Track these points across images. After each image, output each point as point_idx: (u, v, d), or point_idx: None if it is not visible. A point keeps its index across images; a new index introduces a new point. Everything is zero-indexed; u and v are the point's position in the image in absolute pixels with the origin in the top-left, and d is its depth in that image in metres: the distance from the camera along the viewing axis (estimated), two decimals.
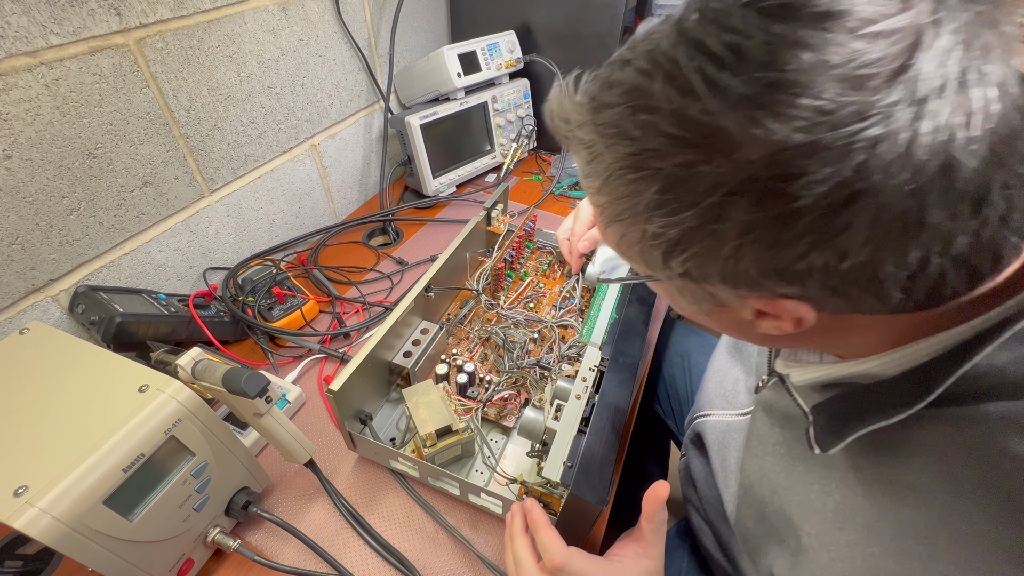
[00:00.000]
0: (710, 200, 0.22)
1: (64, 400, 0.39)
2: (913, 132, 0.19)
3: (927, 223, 0.20)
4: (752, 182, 0.21)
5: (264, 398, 0.42)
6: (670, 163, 0.23)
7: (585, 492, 0.40)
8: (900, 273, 0.22)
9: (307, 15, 0.79)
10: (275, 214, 0.86)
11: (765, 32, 0.20)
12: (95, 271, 0.62)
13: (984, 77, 0.19)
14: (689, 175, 0.22)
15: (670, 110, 0.22)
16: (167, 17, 0.61)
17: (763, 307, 0.27)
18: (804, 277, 0.23)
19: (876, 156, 0.19)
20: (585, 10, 0.99)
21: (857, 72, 0.19)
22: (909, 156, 0.19)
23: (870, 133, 0.19)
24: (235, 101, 0.73)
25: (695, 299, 0.30)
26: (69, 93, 0.54)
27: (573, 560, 0.38)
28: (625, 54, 0.25)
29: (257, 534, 0.51)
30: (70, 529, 0.33)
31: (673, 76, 0.22)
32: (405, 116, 0.92)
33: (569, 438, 0.45)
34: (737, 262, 0.24)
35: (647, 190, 0.24)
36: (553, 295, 0.74)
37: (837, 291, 0.24)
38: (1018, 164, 0.20)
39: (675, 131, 0.22)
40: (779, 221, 0.21)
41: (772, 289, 0.25)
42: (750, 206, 0.21)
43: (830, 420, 0.32)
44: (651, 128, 0.23)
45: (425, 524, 0.52)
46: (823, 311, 0.26)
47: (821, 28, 0.19)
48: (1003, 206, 0.21)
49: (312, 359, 0.68)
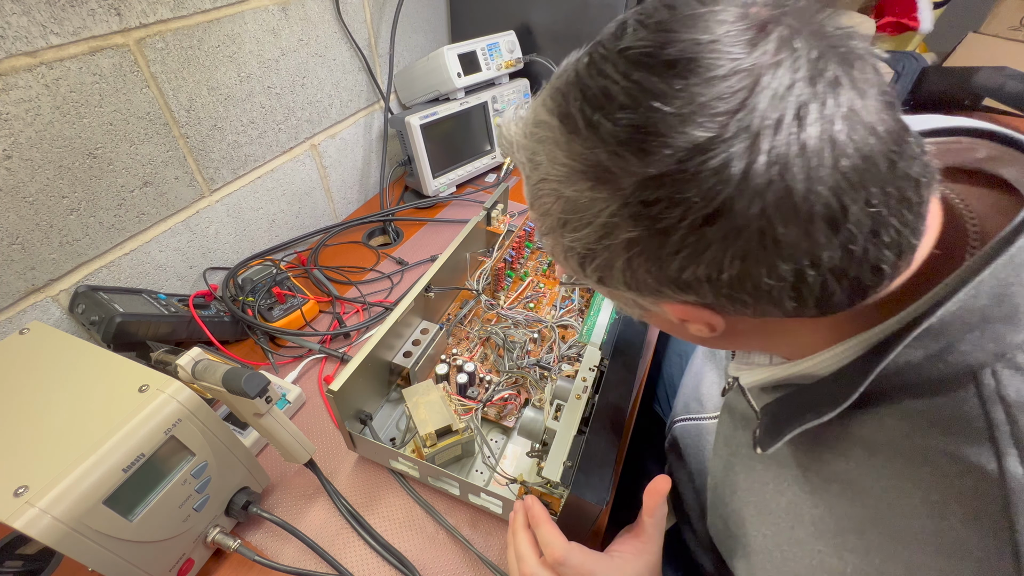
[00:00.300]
0: (599, 221, 0.26)
1: (64, 400, 0.39)
2: (748, 163, 0.21)
3: (782, 241, 0.22)
4: (626, 207, 0.24)
5: (264, 398, 0.42)
6: (568, 188, 0.26)
7: (585, 492, 0.40)
8: (780, 285, 0.24)
9: (307, 15, 0.79)
10: (275, 214, 0.86)
11: (627, 79, 0.23)
12: (95, 271, 0.62)
13: (827, 110, 0.21)
14: (582, 199, 0.26)
15: (563, 142, 0.26)
16: (167, 17, 0.61)
17: (676, 313, 0.29)
18: (696, 286, 0.25)
19: (720, 184, 0.22)
20: (585, 10, 0.99)
21: (699, 113, 0.22)
22: (747, 183, 0.21)
23: (711, 165, 0.21)
24: (235, 101, 0.73)
25: (625, 303, 0.33)
26: (69, 93, 0.54)
27: (573, 554, 0.38)
28: (544, 86, 0.29)
29: (257, 534, 0.51)
30: (70, 529, 0.33)
31: (565, 114, 0.26)
32: (405, 116, 0.92)
33: (569, 438, 0.45)
34: (632, 273, 0.27)
35: (555, 209, 0.28)
36: (553, 295, 0.74)
37: (733, 299, 0.25)
38: (882, 184, 0.22)
39: (568, 162, 0.26)
40: (654, 239, 0.24)
41: (674, 296, 0.27)
42: (629, 227, 0.25)
43: (772, 421, 0.34)
44: (551, 157, 0.27)
45: (425, 524, 0.52)
46: (730, 316, 0.28)
47: (672, 75, 0.22)
48: (869, 223, 0.23)
49: (312, 359, 0.68)
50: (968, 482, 0.25)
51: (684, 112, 0.22)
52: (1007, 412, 0.24)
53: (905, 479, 0.27)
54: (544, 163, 0.27)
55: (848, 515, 0.29)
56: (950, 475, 0.25)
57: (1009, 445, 0.24)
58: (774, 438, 0.32)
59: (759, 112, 0.21)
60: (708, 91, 0.22)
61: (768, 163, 0.21)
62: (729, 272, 0.24)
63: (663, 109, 0.22)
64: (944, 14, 1.72)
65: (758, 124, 0.21)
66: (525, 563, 0.40)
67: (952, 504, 0.25)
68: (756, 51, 0.22)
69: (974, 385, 0.25)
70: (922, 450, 0.26)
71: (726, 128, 0.21)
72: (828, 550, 0.30)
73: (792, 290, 0.24)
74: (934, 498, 0.26)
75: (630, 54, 0.24)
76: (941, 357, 0.26)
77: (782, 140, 0.21)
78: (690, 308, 0.28)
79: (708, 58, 0.22)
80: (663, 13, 0.24)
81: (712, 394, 0.52)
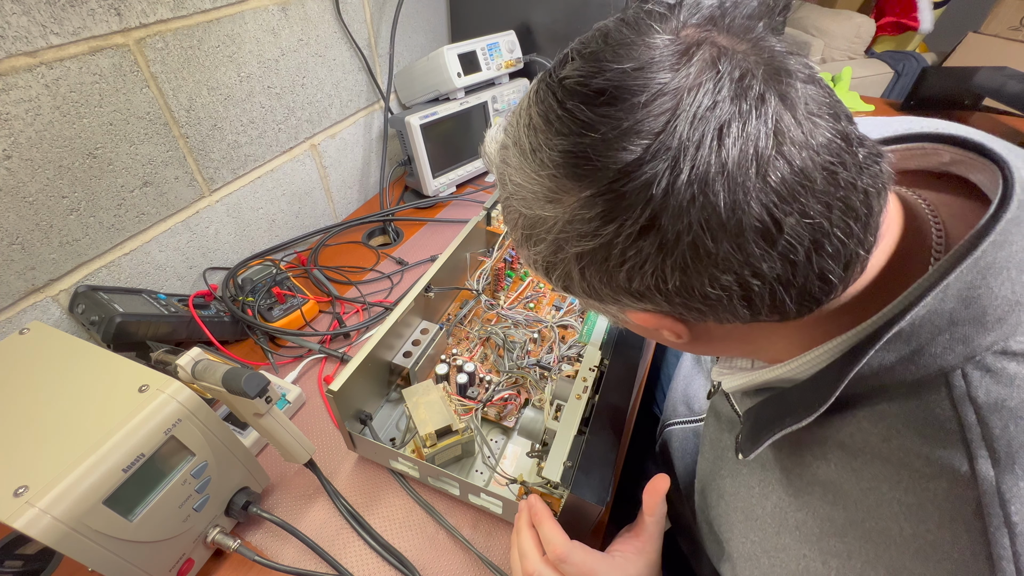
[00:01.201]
0: (551, 237, 0.27)
1: (64, 400, 0.39)
2: (670, 182, 0.22)
3: (714, 253, 0.23)
4: (570, 224, 0.26)
5: (264, 398, 0.42)
6: (524, 207, 0.28)
7: (585, 492, 0.40)
8: (726, 295, 0.25)
9: (307, 15, 0.79)
10: (275, 214, 0.86)
11: (563, 107, 0.25)
12: (95, 271, 0.62)
13: (749, 128, 0.22)
14: (537, 216, 0.27)
15: (516, 169, 0.28)
16: (167, 17, 0.61)
17: (641, 321, 0.30)
18: (649, 295, 0.26)
19: (646, 202, 0.23)
20: (585, 10, 0.99)
21: (623, 139, 0.23)
22: (670, 200, 0.22)
23: (637, 184, 0.23)
24: (235, 101, 0.73)
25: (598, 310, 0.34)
26: (69, 93, 0.54)
27: (575, 553, 0.39)
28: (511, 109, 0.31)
29: (257, 534, 0.51)
30: (70, 529, 0.33)
31: (516, 140, 0.28)
32: (405, 116, 0.92)
33: (569, 438, 0.45)
34: (588, 284, 0.28)
35: (520, 225, 0.29)
36: (553, 295, 0.74)
37: (687, 307, 0.26)
38: (821, 196, 0.23)
39: (522, 183, 0.28)
40: (599, 253, 0.26)
41: (633, 305, 0.28)
42: (575, 242, 0.26)
43: (753, 425, 0.34)
44: (511, 179, 0.29)
45: (425, 524, 0.52)
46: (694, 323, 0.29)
47: (599, 103, 0.24)
48: (808, 235, 0.23)
49: (312, 359, 0.68)
50: (942, 484, 0.25)
51: (610, 138, 0.23)
52: (977, 414, 0.24)
53: (883, 482, 0.27)
54: (508, 183, 0.29)
55: (830, 518, 0.29)
56: (925, 477, 0.25)
57: (980, 447, 0.24)
58: (755, 443, 0.33)
59: (679, 133, 0.22)
60: (632, 117, 0.23)
61: (688, 181, 0.22)
62: (673, 282, 0.25)
63: (591, 135, 0.24)
64: (944, 14, 1.72)
65: (678, 144, 0.22)
66: (528, 560, 0.40)
67: (928, 506, 0.25)
68: (679, 75, 0.23)
69: (945, 387, 0.26)
70: (897, 452, 0.27)
71: (648, 150, 0.22)
72: (812, 554, 0.30)
73: (742, 299, 0.25)
74: (911, 500, 0.26)
75: (567, 83, 0.25)
76: (912, 360, 0.26)
77: (702, 159, 0.22)
78: (652, 316, 0.29)
79: (633, 86, 0.23)
80: (597, 43, 0.25)
81: (700, 397, 0.53)
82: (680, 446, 0.54)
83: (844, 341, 0.29)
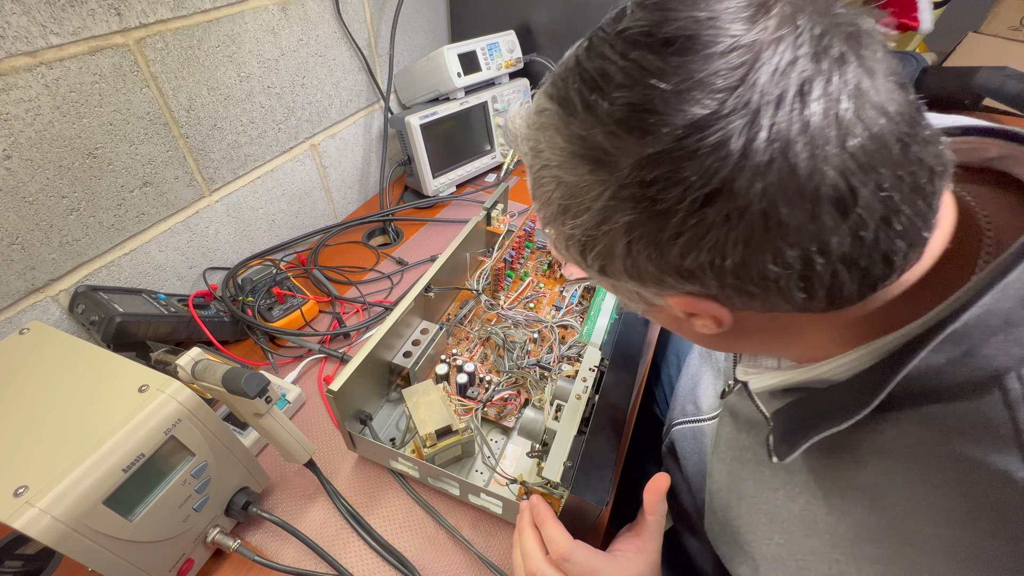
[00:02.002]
0: (598, 205, 0.25)
1: (64, 400, 0.39)
2: (747, 140, 0.20)
3: (786, 224, 0.21)
4: (624, 188, 0.23)
5: (264, 398, 0.42)
6: (567, 173, 0.26)
7: (585, 492, 0.40)
8: (787, 273, 0.23)
9: (307, 15, 0.79)
10: (275, 214, 0.86)
11: (625, 58, 0.23)
12: (95, 271, 0.62)
13: (832, 88, 0.21)
14: (581, 183, 0.25)
15: (562, 126, 0.26)
16: (167, 17, 0.61)
17: (681, 305, 0.28)
18: (699, 275, 0.24)
19: (719, 162, 0.21)
20: (585, 10, 0.99)
21: (697, 90, 0.21)
22: (747, 161, 0.21)
23: (709, 142, 0.21)
24: (235, 101, 0.72)
25: (629, 297, 0.32)
26: (69, 93, 0.54)
27: (578, 552, 0.38)
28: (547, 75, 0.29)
29: (257, 534, 0.51)
30: (70, 529, 0.33)
31: (564, 98, 0.26)
32: (405, 116, 0.92)
33: (569, 438, 0.45)
34: (633, 260, 0.26)
35: (555, 196, 0.27)
36: (553, 295, 0.74)
37: (739, 289, 0.24)
38: (895, 168, 0.21)
39: (567, 145, 0.25)
40: (653, 222, 0.24)
41: (677, 287, 0.26)
42: (628, 210, 0.24)
43: (786, 428, 0.33)
44: (551, 144, 0.26)
45: (425, 524, 0.52)
46: (737, 309, 0.27)
47: (669, 53, 0.22)
48: (880, 209, 0.22)
49: (312, 359, 0.68)
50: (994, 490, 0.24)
51: (681, 89, 0.21)
52: None
53: (927, 486, 0.26)
54: (545, 150, 0.27)
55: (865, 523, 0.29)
56: (976, 483, 0.25)
57: None
58: (791, 446, 0.31)
59: (759, 88, 0.20)
60: (706, 67, 0.21)
61: (769, 140, 0.20)
62: (732, 258, 0.23)
63: (660, 86, 0.22)
64: (944, 14, 1.72)
65: (758, 100, 0.20)
66: (530, 560, 0.40)
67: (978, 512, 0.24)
68: (756, 27, 0.21)
69: (999, 390, 0.24)
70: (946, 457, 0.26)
71: (724, 104, 0.21)
72: (845, 559, 0.30)
73: (800, 279, 0.23)
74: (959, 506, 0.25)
75: (628, 35, 0.23)
76: (963, 362, 0.25)
77: (783, 117, 0.20)
78: (695, 300, 0.27)
79: (706, 35, 0.21)
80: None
81: (708, 396, 0.52)
82: (688, 445, 0.53)
83: (891, 341, 0.27)
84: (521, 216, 0.89)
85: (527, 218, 0.76)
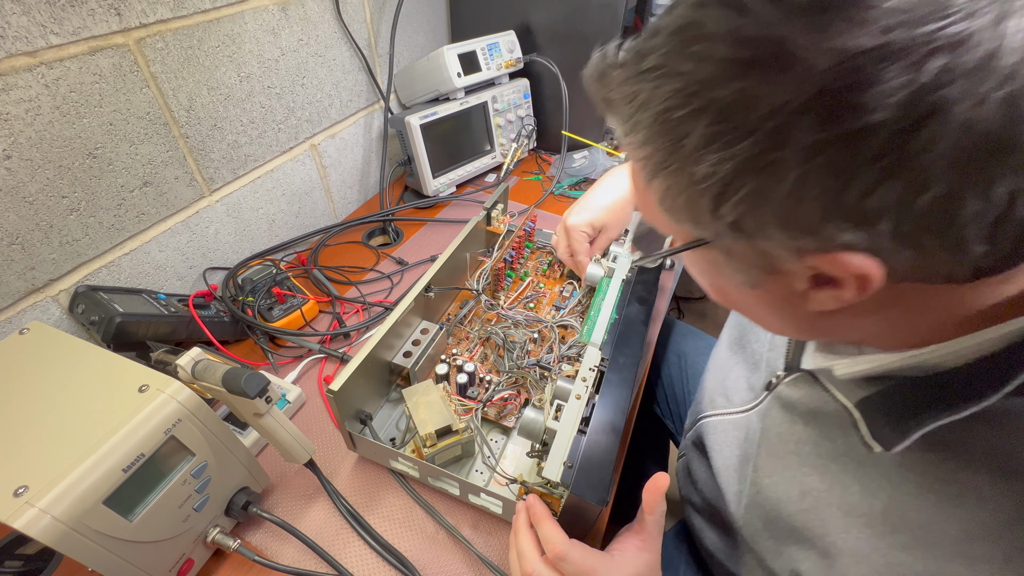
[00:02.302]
0: (771, 124, 0.20)
1: (64, 400, 0.39)
2: (998, 33, 0.17)
3: (1020, 145, 0.18)
4: (818, 97, 0.19)
5: (264, 398, 0.42)
6: (725, 90, 0.21)
7: (585, 492, 0.40)
8: (983, 214, 0.19)
9: (307, 15, 0.79)
10: (275, 214, 0.86)
11: None
12: (95, 271, 0.62)
13: None
14: (746, 99, 0.20)
15: (726, 32, 0.21)
16: (167, 17, 0.61)
17: (823, 265, 0.23)
18: (874, 218, 0.20)
19: (958, 60, 0.17)
20: (585, 10, 0.99)
21: None
22: (995, 60, 0.17)
23: (951, 31, 0.17)
24: (235, 101, 0.73)
25: (743, 265, 0.27)
26: (69, 93, 0.54)
27: (574, 551, 0.38)
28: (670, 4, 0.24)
29: (257, 534, 0.51)
30: (70, 529, 0.33)
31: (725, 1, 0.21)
32: (405, 116, 0.92)
33: (569, 438, 0.45)
34: (798, 201, 0.21)
35: (697, 126, 0.22)
36: (553, 295, 0.74)
37: (910, 240, 0.21)
38: None
39: (730, 54, 0.21)
40: (849, 141, 0.19)
41: (835, 237, 0.22)
42: (815, 125, 0.19)
43: (889, 416, 0.30)
44: (703, 57, 0.21)
45: (425, 524, 0.52)
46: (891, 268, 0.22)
47: None
48: None
49: (312, 359, 0.68)
50: None
51: None
52: None
53: None
54: (688, 71, 0.22)
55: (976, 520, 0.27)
56: None
57: None
58: (900, 436, 0.29)
59: None
60: None
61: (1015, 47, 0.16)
62: (936, 191, 0.19)
63: None
64: None
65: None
66: (526, 560, 0.40)
67: None
68: None
69: None
70: None
71: None
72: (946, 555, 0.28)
73: (994, 224, 0.19)
74: None
75: None
76: None
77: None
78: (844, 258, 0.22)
79: None
80: None
81: (740, 388, 0.50)
82: (720, 438, 0.51)
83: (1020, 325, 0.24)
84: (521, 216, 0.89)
85: (527, 218, 0.76)
